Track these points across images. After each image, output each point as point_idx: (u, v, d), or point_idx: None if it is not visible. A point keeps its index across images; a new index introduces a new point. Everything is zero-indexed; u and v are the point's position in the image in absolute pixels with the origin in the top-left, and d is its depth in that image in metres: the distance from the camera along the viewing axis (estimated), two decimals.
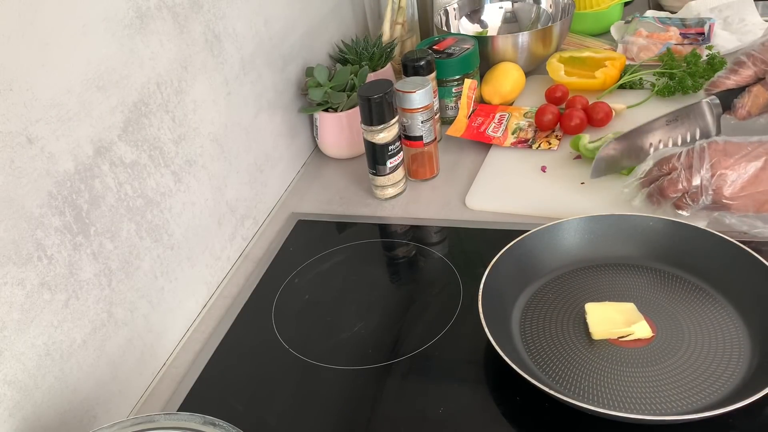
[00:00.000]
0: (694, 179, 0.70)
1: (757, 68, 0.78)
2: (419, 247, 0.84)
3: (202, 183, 0.79)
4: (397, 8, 1.14)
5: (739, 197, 0.69)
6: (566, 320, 0.68)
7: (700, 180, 0.69)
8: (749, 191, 0.68)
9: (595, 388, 0.60)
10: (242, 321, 0.77)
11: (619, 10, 1.28)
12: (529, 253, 0.72)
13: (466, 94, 1.03)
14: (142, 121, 0.68)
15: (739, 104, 0.79)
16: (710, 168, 0.69)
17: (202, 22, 0.77)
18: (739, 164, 0.68)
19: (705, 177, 0.69)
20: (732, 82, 0.80)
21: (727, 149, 0.69)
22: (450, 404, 0.63)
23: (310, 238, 0.89)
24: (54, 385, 0.59)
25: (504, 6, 1.26)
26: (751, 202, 0.69)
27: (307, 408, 0.65)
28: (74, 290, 0.61)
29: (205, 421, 0.51)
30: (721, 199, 0.70)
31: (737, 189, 0.69)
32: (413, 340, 0.70)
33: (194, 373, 0.71)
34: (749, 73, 0.79)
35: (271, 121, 0.94)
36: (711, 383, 0.59)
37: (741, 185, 0.68)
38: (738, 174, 0.68)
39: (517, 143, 0.98)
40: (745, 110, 0.78)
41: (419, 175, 0.96)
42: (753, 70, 0.78)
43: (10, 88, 0.53)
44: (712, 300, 0.67)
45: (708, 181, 0.69)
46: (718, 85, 0.81)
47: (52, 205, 0.58)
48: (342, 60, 1.06)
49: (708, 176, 0.69)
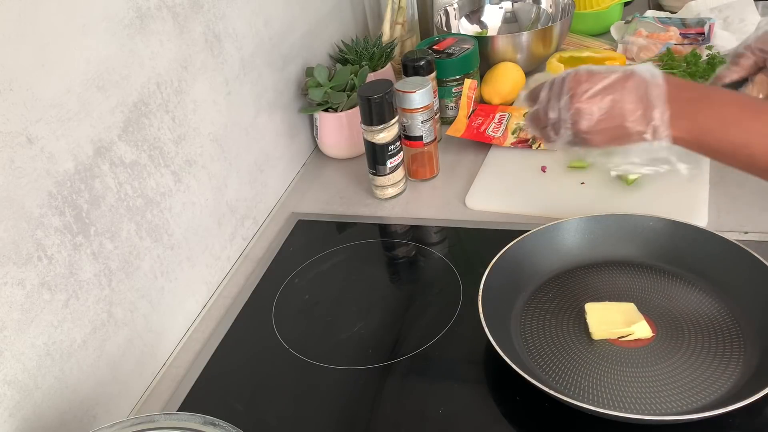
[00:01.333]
0: (552, 112, 0.66)
1: (756, 56, 0.78)
2: (419, 247, 0.84)
3: (202, 183, 0.79)
4: (397, 8, 1.14)
5: (597, 131, 0.65)
6: (566, 320, 0.68)
7: (558, 113, 0.65)
8: (604, 126, 0.65)
9: (595, 388, 0.60)
10: (242, 321, 0.77)
11: (619, 10, 1.28)
12: (529, 253, 0.72)
13: (466, 94, 1.03)
14: (142, 121, 0.68)
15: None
16: (569, 100, 0.64)
17: (202, 22, 0.77)
18: (596, 97, 0.63)
19: (563, 110, 0.65)
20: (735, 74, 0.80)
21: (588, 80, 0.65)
22: (450, 404, 0.63)
23: (310, 238, 0.89)
24: (54, 385, 0.59)
25: (504, 6, 1.26)
26: (608, 137, 0.65)
27: (307, 408, 0.65)
28: (74, 290, 0.61)
29: (205, 421, 0.51)
30: (580, 134, 0.65)
31: (592, 124, 0.64)
32: (413, 340, 0.70)
33: (194, 373, 0.71)
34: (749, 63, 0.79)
35: (271, 121, 0.94)
36: (711, 383, 0.59)
37: (596, 120, 0.64)
38: (594, 108, 0.63)
39: (517, 143, 0.98)
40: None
41: (419, 175, 0.96)
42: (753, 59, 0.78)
43: (10, 88, 0.53)
44: (712, 300, 0.67)
45: (566, 115, 0.65)
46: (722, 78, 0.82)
47: (52, 205, 0.58)
48: (342, 60, 1.06)
49: (566, 109, 0.65)
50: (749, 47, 0.78)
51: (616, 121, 0.64)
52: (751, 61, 0.78)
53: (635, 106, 0.62)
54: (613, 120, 0.64)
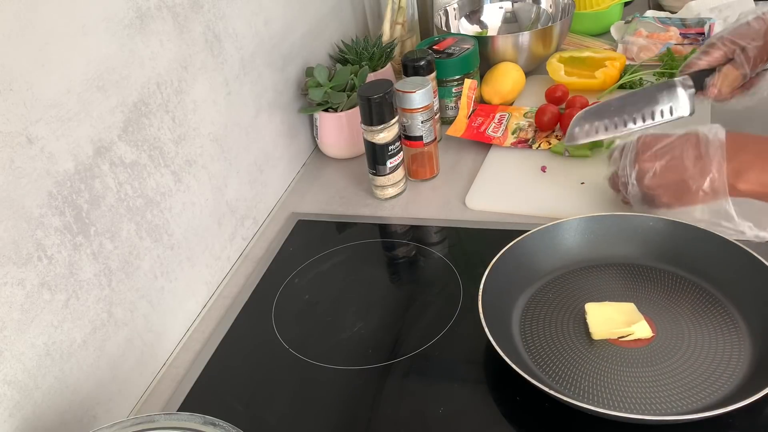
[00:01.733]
0: (621, 171, 0.75)
1: (726, 48, 0.81)
2: (419, 247, 0.84)
3: (202, 183, 0.79)
4: (397, 8, 1.14)
5: (659, 186, 0.72)
6: (566, 320, 0.68)
7: (626, 172, 0.74)
8: (666, 180, 0.71)
9: (595, 388, 0.60)
10: (242, 321, 0.77)
11: (619, 10, 1.28)
12: (529, 253, 0.72)
13: (466, 94, 1.03)
14: (142, 121, 0.68)
15: (710, 83, 0.81)
16: (634, 158, 0.73)
17: (202, 22, 0.77)
18: (659, 155, 0.71)
19: (629, 167, 0.73)
20: (704, 62, 0.83)
21: (653, 141, 0.72)
22: (450, 404, 0.63)
23: (310, 238, 0.89)
24: (54, 385, 0.59)
25: (504, 6, 1.26)
26: (671, 192, 0.72)
27: (307, 408, 0.65)
28: (74, 290, 0.61)
29: (205, 421, 0.51)
30: (647, 191, 0.73)
31: (655, 179, 0.72)
32: (413, 340, 0.70)
33: (194, 373, 0.71)
34: (719, 54, 0.81)
35: (271, 121, 0.94)
36: (711, 383, 0.59)
37: (658, 175, 0.71)
38: (657, 164, 0.71)
39: (517, 143, 0.98)
40: (716, 89, 0.81)
41: (419, 175, 0.96)
42: (722, 50, 0.81)
43: (10, 88, 0.53)
44: (712, 300, 0.67)
45: (632, 172, 0.73)
46: (691, 66, 0.85)
47: (52, 205, 0.58)
48: (342, 60, 1.06)
49: (635, 168, 0.73)
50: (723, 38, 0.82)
51: (676, 176, 0.71)
52: (721, 52, 0.82)
53: (693, 161, 0.69)
54: (673, 175, 0.71)
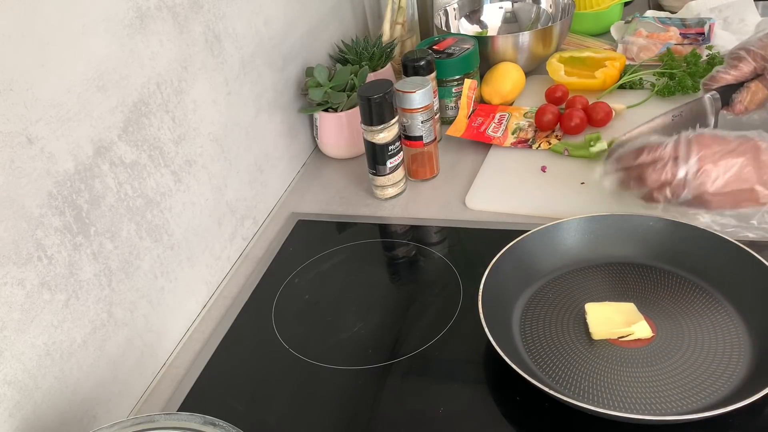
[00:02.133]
0: (680, 171, 0.67)
1: (756, 64, 0.78)
2: (419, 247, 0.84)
3: (202, 183, 0.79)
4: (397, 8, 1.14)
5: (722, 194, 0.66)
6: (566, 320, 0.68)
7: (685, 173, 0.66)
8: (732, 188, 0.66)
9: (595, 388, 0.60)
10: (242, 321, 0.77)
11: (619, 10, 1.28)
12: (529, 253, 0.72)
13: (466, 94, 1.03)
14: (142, 121, 0.68)
15: (737, 99, 0.79)
16: (697, 161, 0.66)
17: (202, 22, 0.77)
18: (724, 159, 0.65)
19: (691, 170, 0.66)
20: (731, 77, 0.80)
21: (713, 143, 0.66)
22: (450, 404, 0.63)
23: (310, 238, 0.89)
24: (54, 385, 0.59)
25: (504, 6, 1.26)
26: (731, 199, 0.67)
27: (307, 408, 0.65)
28: (74, 290, 0.61)
29: (205, 421, 0.51)
30: (704, 195, 0.67)
31: (721, 185, 0.66)
32: (413, 340, 0.70)
33: (194, 373, 0.71)
34: (748, 69, 0.79)
35: (271, 121, 0.94)
36: (711, 383, 0.59)
37: (725, 181, 0.65)
38: (723, 170, 0.65)
39: (517, 143, 0.98)
40: (743, 106, 0.78)
41: (419, 175, 0.96)
42: (752, 66, 0.78)
43: (10, 88, 0.53)
44: (712, 300, 0.67)
45: (693, 175, 0.66)
46: (717, 80, 0.81)
47: (52, 205, 0.58)
48: (342, 60, 1.06)
49: (694, 170, 0.66)
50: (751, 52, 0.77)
51: (744, 184, 0.65)
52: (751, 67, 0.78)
53: (764, 170, 0.64)
54: (741, 183, 0.65)
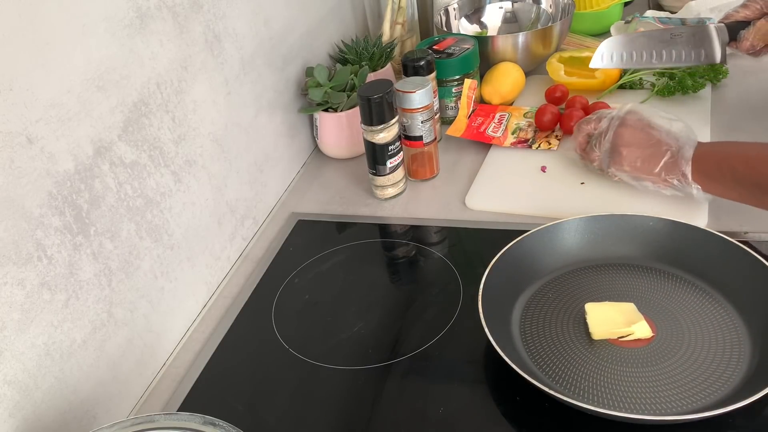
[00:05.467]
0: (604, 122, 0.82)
1: (764, 2, 0.83)
2: (419, 247, 0.84)
3: (202, 183, 0.79)
4: (397, 8, 1.14)
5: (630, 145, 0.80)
6: (566, 320, 0.68)
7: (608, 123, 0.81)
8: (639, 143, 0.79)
9: (595, 388, 0.60)
10: (242, 321, 0.77)
11: (619, 10, 1.28)
12: (529, 253, 0.72)
13: (466, 94, 1.03)
14: (142, 121, 0.68)
15: (744, 35, 0.83)
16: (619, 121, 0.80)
17: (202, 22, 0.77)
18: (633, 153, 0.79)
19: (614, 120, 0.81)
20: (741, 15, 0.85)
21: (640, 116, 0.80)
22: (450, 404, 0.63)
23: (310, 238, 0.89)
24: (54, 385, 0.59)
25: (504, 6, 1.26)
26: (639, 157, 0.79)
27: (307, 408, 0.65)
28: (74, 290, 0.61)
29: (205, 421, 0.51)
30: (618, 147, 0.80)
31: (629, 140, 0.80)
32: (413, 340, 0.70)
33: (194, 373, 0.71)
34: (757, 7, 0.84)
35: (271, 121, 0.94)
36: (711, 383, 0.59)
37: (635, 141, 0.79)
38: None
39: (517, 143, 0.98)
40: (749, 42, 0.83)
41: (419, 175, 0.96)
42: (761, 3, 0.83)
43: (10, 88, 0.53)
44: (712, 300, 0.67)
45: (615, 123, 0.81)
46: (728, 17, 0.87)
47: (52, 205, 0.58)
48: (342, 60, 1.06)
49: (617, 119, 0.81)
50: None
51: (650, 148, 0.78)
52: (758, 4, 0.84)
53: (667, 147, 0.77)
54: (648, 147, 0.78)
